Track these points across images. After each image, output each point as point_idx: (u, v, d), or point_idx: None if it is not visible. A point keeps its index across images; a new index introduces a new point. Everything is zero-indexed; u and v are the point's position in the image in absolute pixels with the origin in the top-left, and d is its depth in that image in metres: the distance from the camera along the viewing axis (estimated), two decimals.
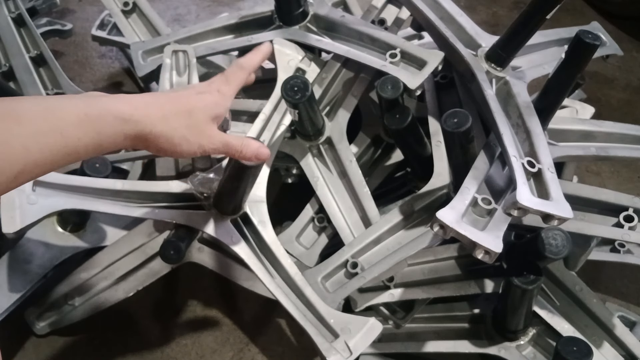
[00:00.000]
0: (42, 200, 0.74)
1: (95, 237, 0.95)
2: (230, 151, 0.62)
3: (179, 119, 0.57)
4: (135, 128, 0.53)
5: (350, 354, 0.74)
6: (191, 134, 0.58)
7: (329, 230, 0.94)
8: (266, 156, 0.64)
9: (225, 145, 0.61)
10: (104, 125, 0.50)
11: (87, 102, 0.50)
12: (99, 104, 0.50)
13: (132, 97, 0.55)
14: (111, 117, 0.50)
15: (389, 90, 0.84)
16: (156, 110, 0.55)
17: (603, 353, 0.83)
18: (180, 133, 0.57)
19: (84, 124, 0.48)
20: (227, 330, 1.00)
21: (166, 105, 0.56)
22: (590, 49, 0.74)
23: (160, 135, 0.55)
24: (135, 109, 0.53)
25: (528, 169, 0.72)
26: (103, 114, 0.50)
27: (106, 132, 0.50)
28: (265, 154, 0.64)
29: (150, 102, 0.55)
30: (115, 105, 0.51)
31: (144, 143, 0.55)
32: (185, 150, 0.58)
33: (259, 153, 0.64)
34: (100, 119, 0.50)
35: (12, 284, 0.88)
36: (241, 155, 0.63)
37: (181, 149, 0.57)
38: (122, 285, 0.92)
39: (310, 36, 0.95)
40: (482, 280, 0.87)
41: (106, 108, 0.50)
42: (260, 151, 0.64)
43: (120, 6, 1.12)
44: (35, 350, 0.95)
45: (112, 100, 0.52)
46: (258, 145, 0.64)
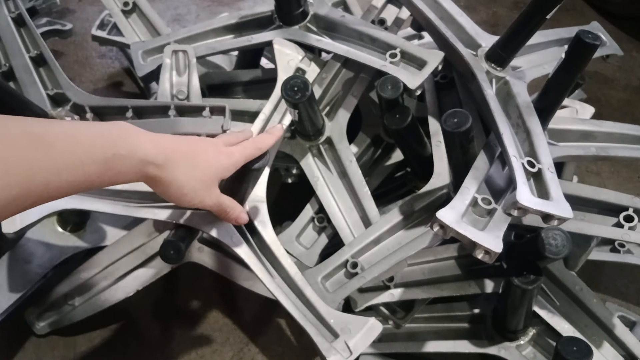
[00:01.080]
0: None
1: (95, 237, 0.95)
2: (220, 210, 0.67)
3: (194, 171, 0.59)
4: (154, 171, 0.54)
5: (350, 354, 0.74)
6: (200, 188, 0.60)
7: (329, 230, 0.94)
8: (245, 221, 0.71)
9: (219, 204, 0.66)
10: (126, 165, 0.51)
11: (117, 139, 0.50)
12: (128, 144, 0.51)
13: (159, 138, 0.55)
14: (136, 159, 0.51)
15: (389, 90, 0.84)
16: (178, 157, 0.57)
17: (603, 353, 0.83)
18: (191, 185, 0.59)
19: (109, 163, 0.49)
20: (227, 330, 1.00)
21: (188, 154, 0.58)
22: (590, 49, 0.74)
23: (174, 181, 0.57)
24: (160, 152, 0.54)
25: (528, 169, 0.72)
26: (130, 154, 0.51)
27: (126, 171, 0.51)
28: (245, 219, 0.71)
29: (175, 148, 0.57)
30: (143, 146, 0.52)
31: (153, 183, 0.56)
32: (189, 201, 0.60)
33: (240, 217, 0.70)
34: (125, 160, 0.50)
35: (12, 284, 0.88)
36: (226, 215, 0.69)
37: (185, 199, 0.60)
38: (122, 285, 0.91)
39: (310, 36, 0.95)
40: (482, 280, 0.87)
41: (134, 149, 0.51)
42: (242, 216, 0.70)
43: (120, 6, 1.12)
44: (35, 350, 0.95)
45: (141, 140, 0.53)
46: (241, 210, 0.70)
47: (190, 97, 0.93)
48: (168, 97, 0.93)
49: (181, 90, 0.93)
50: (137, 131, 0.54)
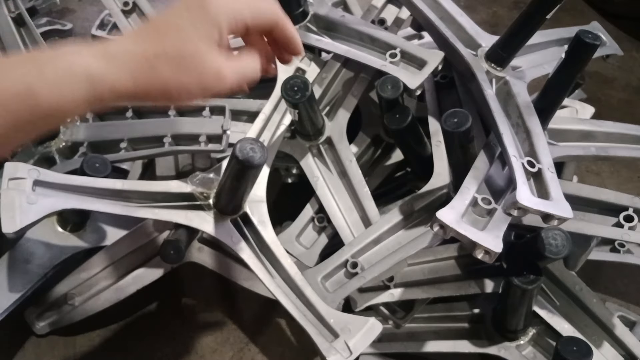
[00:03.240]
0: (42, 200, 0.74)
1: (95, 237, 0.95)
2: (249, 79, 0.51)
3: (167, 60, 0.44)
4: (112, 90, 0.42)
5: (350, 354, 0.74)
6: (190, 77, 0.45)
7: (329, 230, 0.94)
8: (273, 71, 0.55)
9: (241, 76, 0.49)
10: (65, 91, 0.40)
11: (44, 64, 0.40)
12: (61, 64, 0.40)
13: (107, 45, 0.43)
14: (76, 80, 0.41)
15: (389, 90, 0.84)
16: (138, 60, 0.43)
17: (603, 353, 0.83)
18: (175, 81, 0.44)
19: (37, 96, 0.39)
20: (227, 330, 1.00)
21: (150, 48, 0.44)
22: (590, 49, 0.74)
23: (151, 89, 0.44)
24: (108, 62, 0.42)
25: (528, 168, 0.72)
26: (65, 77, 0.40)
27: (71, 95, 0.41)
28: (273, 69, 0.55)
29: (129, 50, 0.43)
30: (80, 63, 0.41)
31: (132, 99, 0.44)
32: (186, 99, 0.47)
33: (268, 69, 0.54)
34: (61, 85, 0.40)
35: (12, 284, 0.88)
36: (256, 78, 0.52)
37: (180, 98, 0.46)
38: (122, 285, 0.91)
39: (310, 36, 0.95)
40: (482, 280, 0.87)
41: (71, 69, 0.40)
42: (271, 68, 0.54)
43: (120, 6, 1.12)
44: (35, 350, 0.95)
45: (79, 56, 0.41)
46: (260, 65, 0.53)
47: None
48: None
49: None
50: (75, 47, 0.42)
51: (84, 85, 0.41)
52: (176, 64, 0.44)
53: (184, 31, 0.45)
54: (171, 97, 0.46)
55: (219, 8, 0.46)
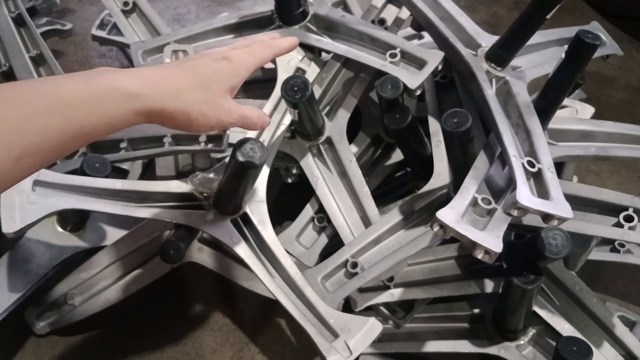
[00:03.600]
0: (42, 200, 0.74)
1: (95, 237, 0.95)
2: (248, 124, 0.60)
3: (194, 93, 0.53)
4: (146, 105, 0.49)
5: (350, 354, 0.74)
6: (209, 108, 0.54)
7: (329, 230, 0.94)
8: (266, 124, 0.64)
9: (243, 118, 0.59)
10: (110, 103, 0.47)
11: (90, 79, 0.47)
12: (104, 80, 0.47)
13: (143, 71, 0.52)
14: (118, 94, 0.47)
15: (389, 90, 0.84)
16: (169, 85, 0.52)
17: (603, 353, 0.83)
18: (197, 108, 0.53)
19: (87, 103, 0.45)
20: (227, 330, 1.00)
21: (180, 77, 0.53)
22: (590, 49, 0.74)
23: (176, 112, 0.52)
24: (145, 84, 0.50)
25: (528, 168, 0.72)
26: (108, 91, 0.47)
27: (114, 110, 0.47)
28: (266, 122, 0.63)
29: (162, 76, 0.52)
30: (122, 81, 0.48)
31: (159, 119, 0.52)
32: (203, 126, 0.55)
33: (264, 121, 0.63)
34: (106, 97, 0.46)
35: (12, 284, 0.88)
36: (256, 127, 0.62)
37: (198, 124, 0.54)
38: (122, 285, 0.91)
39: (310, 36, 0.95)
40: (482, 280, 0.87)
41: (112, 85, 0.47)
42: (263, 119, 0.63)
43: (120, 6, 1.12)
44: (35, 350, 0.95)
45: (119, 76, 0.49)
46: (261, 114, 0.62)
47: None
48: None
49: None
50: (115, 69, 0.50)
51: (124, 101, 0.48)
52: (201, 97, 0.54)
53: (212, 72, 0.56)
54: (191, 123, 0.54)
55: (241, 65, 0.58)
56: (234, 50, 0.59)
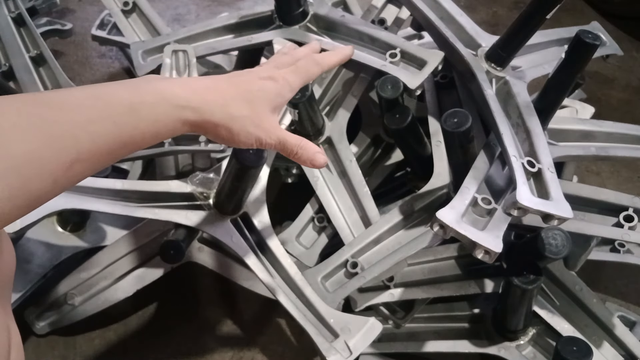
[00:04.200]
0: None
1: (95, 237, 0.95)
2: (286, 150, 0.57)
3: (239, 107, 0.53)
4: (193, 115, 0.50)
5: (350, 354, 0.74)
6: (251, 125, 0.54)
7: (329, 230, 0.94)
8: (323, 164, 0.59)
9: (282, 143, 0.56)
10: (160, 112, 0.47)
11: (140, 88, 0.47)
12: (156, 89, 0.48)
13: (191, 81, 0.52)
14: (167, 104, 0.48)
15: (389, 90, 0.84)
16: (216, 97, 0.52)
17: (603, 353, 0.83)
18: (240, 123, 0.53)
19: (137, 112, 0.46)
20: (227, 330, 1.00)
21: (227, 91, 0.53)
22: (590, 49, 0.74)
23: (220, 124, 0.52)
24: (194, 94, 0.50)
25: (528, 168, 0.72)
26: (158, 100, 0.47)
27: (163, 120, 0.48)
28: (322, 161, 0.59)
29: (210, 87, 0.52)
30: (172, 91, 0.49)
31: (202, 130, 0.52)
32: (243, 141, 0.54)
33: (315, 159, 0.58)
34: (156, 106, 0.47)
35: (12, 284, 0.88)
36: (296, 157, 0.58)
37: (239, 139, 0.54)
38: (122, 285, 0.92)
39: (310, 36, 0.95)
40: (482, 280, 0.87)
41: (162, 94, 0.48)
42: (317, 157, 0.58)
43: (120, 6, 1.12)
44: (35, 350, 0.95)
45: (169, 85, 0.49)
46: (316, 150, 0.58)
47: None
48: None
49: None
50: (164, 78, 0.51)
51: (173, 111, 0.48)
52: (245, 112, 0.54)
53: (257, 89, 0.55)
54: (232, 137, 0.53)
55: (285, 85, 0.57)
56: (280, 70, 0.58)
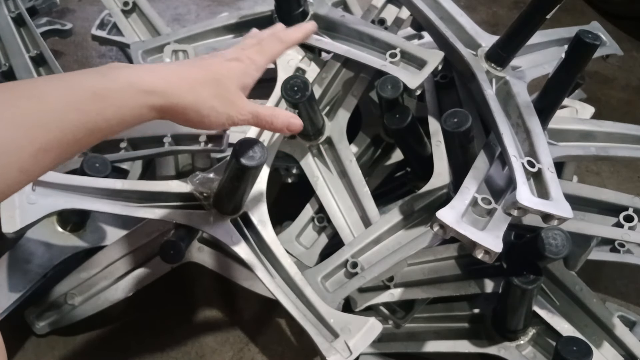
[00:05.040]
0: (42, 200, 0.74)
1: (95, 237, 0.95)
2: (260, 122, 0.59)
3: (206, 88, 0.54)
4: (160, 100, 0.50)
5: (350, 354, 0.74)
6: (220, 104, 0.55)
7: (329, 230, 0.94)
8: (298, 127, 0.61)
9: (255, 116, 0.58)
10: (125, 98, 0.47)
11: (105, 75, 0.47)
12: (119, 75, 0.48)
13: (156, 66, 0.52)
14: (132, 90, 0.48)
15: (389, 90, 0.84)
16: (182, 80, 0.52)
17: (603, 353, 0.83)
18: (208, 104, 0.54)
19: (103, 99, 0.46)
20: (227, 330, 1.00)
21: (193, 74, 0.54)
22: (590, 49, 0.74)
23: (188, 107, 0.52)
24: (159, 79, 0.50)
25: (528, 168, 0.72)
26: (124, 86, 0.47)
27: (128, 106, 0.48)
28: (298, 124, 0.61)
29: (175, 71, 0.53)
30: (137, 76, 0.49)
31: (171, 115, 0.52)
32: (214, 122, 0.55)
33: (290, 123, 0.60)
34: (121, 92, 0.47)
35: (12, 284, 0.88)
36: (272, 127, 0.60)
37: (209, 120, 0.54)
38: (122, 285, 0.92)
39: (310, 36, 0.95)
40: (482, 280, 0.87)
41: (127, 80, 0.48)
42: (292, 122, 0.60)
43: (120, 6, 1.12)
44: (35, 350, 0.95)
45: (134, 71, 0.49)
46: (289, 116, 0.60)
47: None
48: None
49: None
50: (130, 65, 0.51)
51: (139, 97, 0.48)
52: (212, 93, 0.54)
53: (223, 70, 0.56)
54: (202, 119, 0.54)
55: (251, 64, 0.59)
56: (244, 50, 0.59)
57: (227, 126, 0.57)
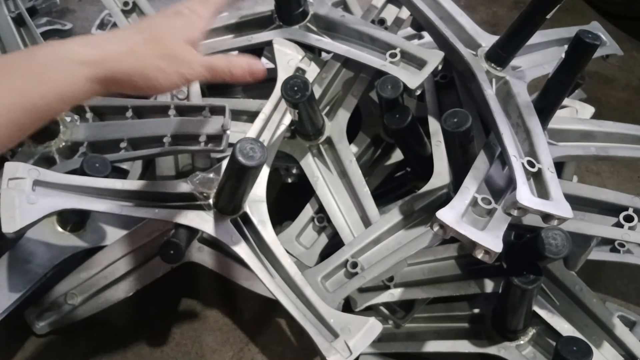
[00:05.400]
0: (42, 200, 0.74)
1: (95, 237, 0.95)
2: (217, 74, 0.55)
3: (148, 49, 0.50)
4: (97, 70, 0.47)
5: (350, 354, 0.74)
6: (167, 64, 0.51)
7: (329, 230, 0.94)
8: (262, 72, 0.56)
9: (209, 69, 0.54)
10: (60, 72, 0.45)
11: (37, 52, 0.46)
12: (49, 50, 0.46)
13: (91, 37, 0.50)
14: (66, 62, 0.46)
15: (389, 90, 0.84)
16: (119, 46, 0.49)
17: (603, 353, 0.83)
18: (153, 65, 0.50)
19: (37, 75, 0.44)
20: (227, 330, 1.00)
21: (130, 37, 0.50)
22: (590, 49, 0.74)
23: (131, 73, 0.49)
24: (94, 48, 0.47)
25: (528, 168, 0.72)
26: (56, 61, 0.45)
27: (64, 81, 0.45)
28: (261, 70, 0.56)
29: (111, 38, 0.50)
30: (69, 49, 0.46)
31: (115, 85, 0.49)
32: (165, 84, 0.52)
33: (253, 71, 0.56)
34: (55, 66, 0.45)
35: (12, 284, 0.88)
36: (233, 77, 0.56)
37: (159, 82, 0.51)
38: (122, 285, 0.91)
39: (310, 36, 0.95)
40: (482, 280, 0.87)
41: (59, 54, 0.46)
42: (254, 67, 0.56)
43: (120, 6, 1.12)
44: (35, 350, 0.95)
45: (66, 45, 0.47)
46: (249, 62, 0.56)
47: (190, 97, 0.93)
48: (168, 97, 0.93)
49: (181, 90, 0.93)
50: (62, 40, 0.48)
51: (72, 68, 0.46)
52: (156, 52, 0.50)
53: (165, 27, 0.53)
54: (151, 82, 0.50)
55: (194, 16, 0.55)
56: (187, 4, 0.56)
57: (180, 85, 0.53)
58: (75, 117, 0.93)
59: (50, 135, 0.90)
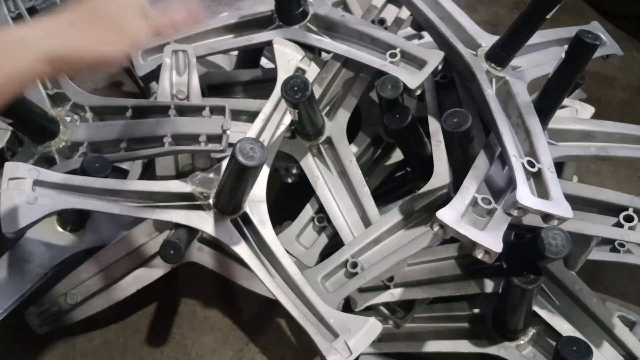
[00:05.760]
0: (42, 200, 0.74)
1: (95, 237, 0.95)
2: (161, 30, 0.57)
3: (89, 22, 0.51)
4: (42, 49, 0.48)
5: (350, 354, 0.74)
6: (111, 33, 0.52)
7: (329, 230, 0.94)
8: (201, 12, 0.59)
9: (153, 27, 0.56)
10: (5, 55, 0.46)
11: None
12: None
13: (35, 20, 0.51)
14: (10, 45, 0.47)
15: (389, 90, 0.84)
16: (60, 23, 0.50)
17: (603, 353, 0.84)
18: (97, 38, 0.51)
19: None
20: (227, 330, 1.00)
21: (69, 14, 0.52)
22: (590, 49, 0.74)
23: (78, 48, 0.50)
24: (37, 29, 0.49)
25: (528, 168, 0.73)
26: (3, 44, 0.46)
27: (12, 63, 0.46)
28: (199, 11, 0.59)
29: (53, 18, 0.51)
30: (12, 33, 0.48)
31: (64, 62, 0.50)
32: (113, 54, 0.52)
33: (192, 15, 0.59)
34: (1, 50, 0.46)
35: (12, 284, 0.88)
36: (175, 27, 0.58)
37: (108, 54, 0.52)
38: (122, 285, 0.91)
39: (310, 36, 0.95)
40: (482, 280, 0.87)
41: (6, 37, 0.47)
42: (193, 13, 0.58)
43: None
44: (35, 350, 0.95)
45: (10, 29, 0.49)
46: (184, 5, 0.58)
47: (190, 97, 0.93)
48: (168, 97, 0.93)
49: (181, 90, 0.93)
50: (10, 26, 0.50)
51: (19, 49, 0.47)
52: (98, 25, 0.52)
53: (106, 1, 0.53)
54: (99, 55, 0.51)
55: None
56: None
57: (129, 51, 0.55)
58: (75, 117, 0.93)
59: (50, 135, 0.90)
